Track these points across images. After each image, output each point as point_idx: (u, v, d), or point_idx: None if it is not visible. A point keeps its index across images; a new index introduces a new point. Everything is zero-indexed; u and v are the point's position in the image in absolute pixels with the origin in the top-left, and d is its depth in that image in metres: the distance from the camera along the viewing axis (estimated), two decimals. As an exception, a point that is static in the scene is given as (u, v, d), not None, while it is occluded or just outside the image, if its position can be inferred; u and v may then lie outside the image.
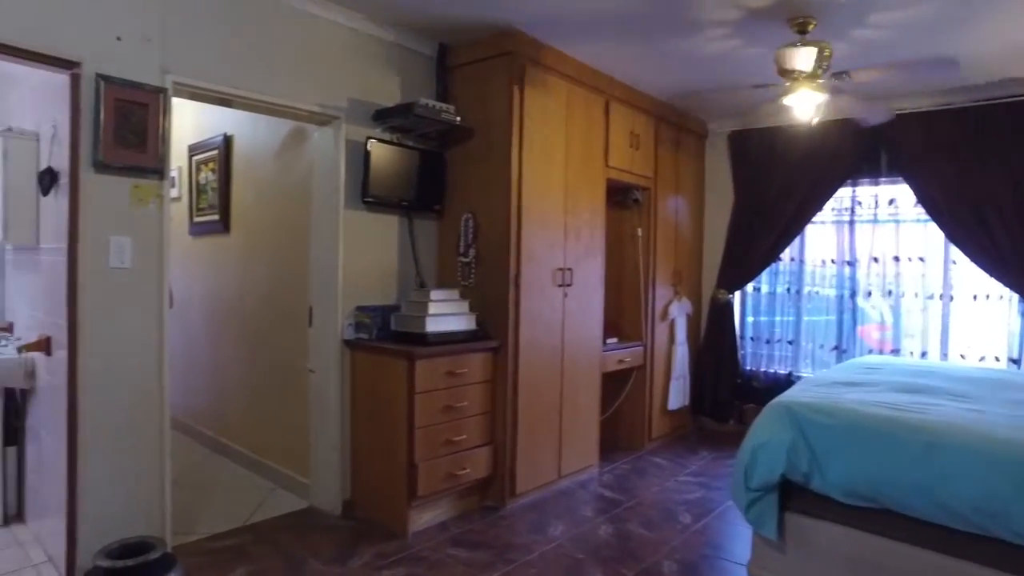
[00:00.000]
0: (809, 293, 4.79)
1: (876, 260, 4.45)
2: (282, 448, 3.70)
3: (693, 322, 5.08)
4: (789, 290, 4.87)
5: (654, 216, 4.59)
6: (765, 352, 4.97)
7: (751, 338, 5.07)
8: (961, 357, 4.20)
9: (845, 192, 4.56)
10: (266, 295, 3.84)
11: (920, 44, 3.30)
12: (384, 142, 3.30)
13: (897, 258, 4.38)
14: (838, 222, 4.64)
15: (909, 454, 2.09)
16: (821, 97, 2.96)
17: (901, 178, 4.28)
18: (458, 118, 3.33)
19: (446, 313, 3.17)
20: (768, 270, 4.92)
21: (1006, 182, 3.88)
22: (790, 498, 2.39)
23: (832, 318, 4.65)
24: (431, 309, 3.10)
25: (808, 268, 4.80)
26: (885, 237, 4.43)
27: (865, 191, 4.50)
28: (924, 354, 4.28)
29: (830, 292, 4.69)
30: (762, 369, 4.98)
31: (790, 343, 4.85)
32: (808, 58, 2.64)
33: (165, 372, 2.67)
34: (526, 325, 3.44)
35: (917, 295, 4.32)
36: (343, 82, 3.20)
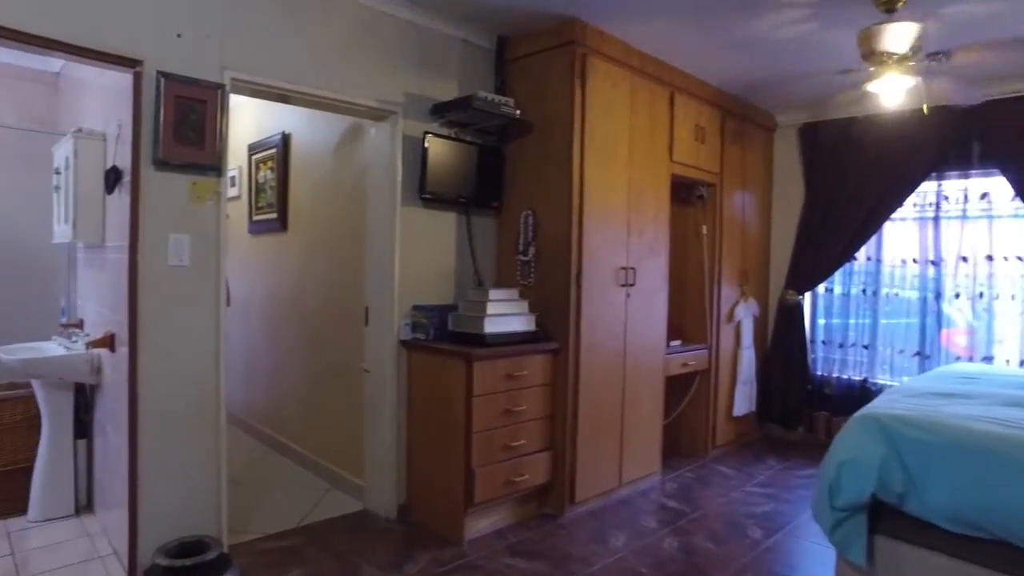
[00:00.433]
0: (887, 295, 4.48)
1: (965, 260, 4.11)
2: (337, 448, 3.67)
3: (760, 324, 4.84)
4: (865, 291, 4.57)
5: (719, 213, 4.38)
6: (838, 357, 4.69)
7: (822, 342, 4.79)
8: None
9: (929, 186, 4.23)
10: (323, 293, 3.82)
11: (1020, 21, 3.01)
12: (441, 137, 3.22)
13: (990, 257, 4.03)
14: (921, 219, 4.32)
15: (1025, 477, 1.87)
16: (911, 81, 2.72)
17: (996, 170, 3.93)
18: (518, 111, 3.22)
19: (505, 313, 3.07)
20: (841, 270, 4.64)
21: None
22: (881, 520, 2.18)
23: (913, 321, 4.33)
24: (490, 309, 3.00)
25: (886, 268, 4.49)
26: (976, 234, 4.09)
27: (952, 185, 4.17)
28: (1022, 363, 3.94)
29: (911, 294, 4.38)
30: (834, 375, 4.70)
31: (865, 348, 4.55)
32: (903, 37, 2.40)
33: (222, 370, 2.65)
34: (587, 326, 3.31)
35: (1015, 297, 3.97)
36: (400, 76, 3.13)
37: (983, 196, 4.07)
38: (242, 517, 3.15)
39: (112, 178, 2.63)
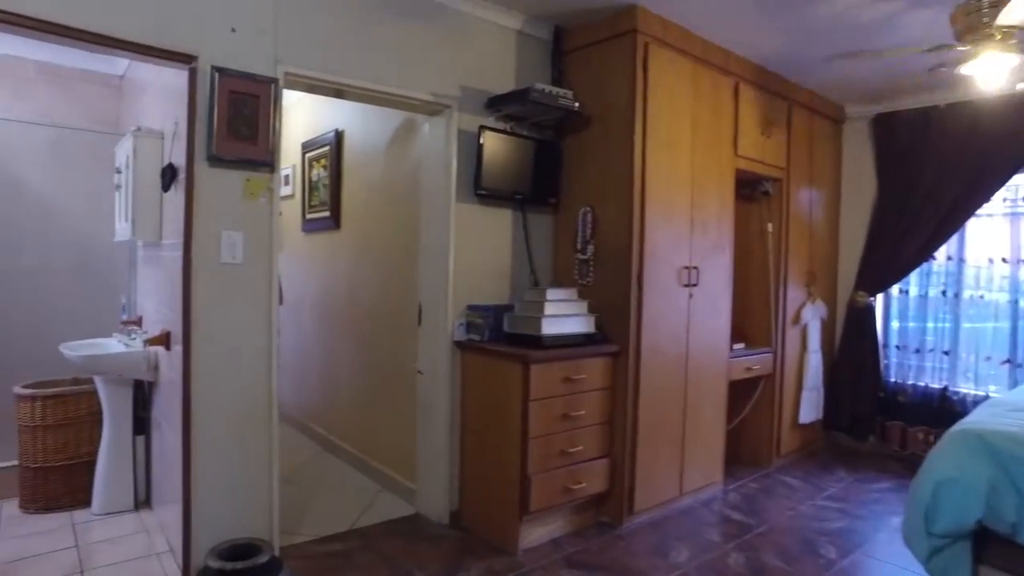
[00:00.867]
0: (971, 297, 4.17)
1: (1066, 259, 3.79)
2: (390, 450, 3.61)
3: (827, 328, 4.58)
4: (945, 293, 4.27)
5: (786, 210, 4.15)
6: (913, 363, 4.40)
7: (896, 347, 4.50)
8: None
9: (1021, 179, 3.91)
10: (376, 292, 3.76)
11: None
12: (497, 131, 3.11)
13: (1091, 257, 3.71)
14: (1013, 214, 4.00)
15: None
16: (1016, 59, 2.47)
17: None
18: (576, 104, 3.09)
19: (563, 314, 2.94)
20: (919, 270, 4.35)
21: None
22: (985, 548, 1.97)
23: (1003, 326, 4.01)
24: (547, 309, 2.88)
25: (969, 268, 4.19)
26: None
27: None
28: None
29: (999, 296, 4.06)
30: (909, 382, 4.41)
31: (945, 353, 4.25)
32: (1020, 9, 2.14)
33: (274, 369, 2.60)
34: (648, 328, 3.16)
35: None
36: (455, 69, 3.04)
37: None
38: (294, 518, 3.12)
39: (168, 176, 2.62)
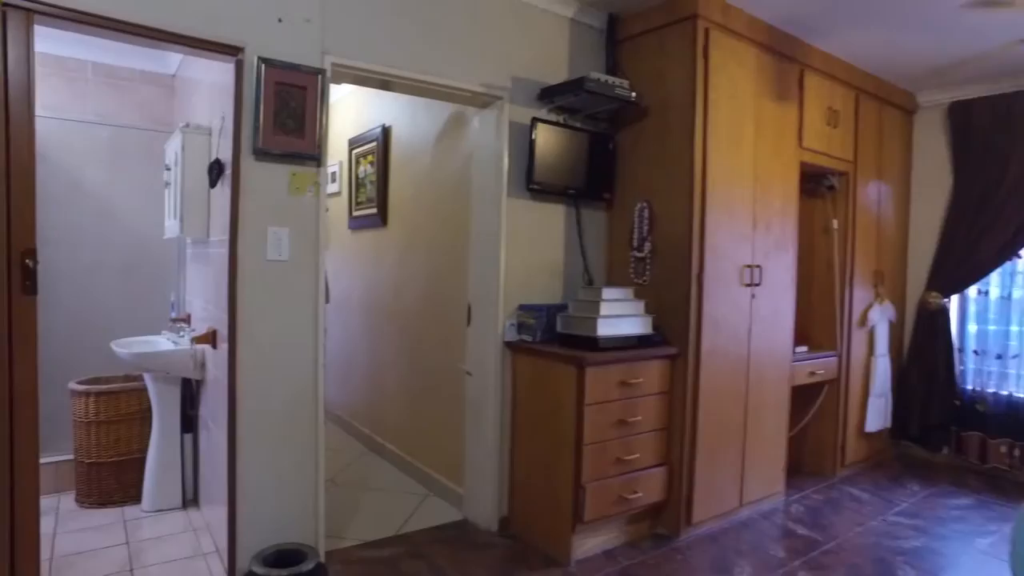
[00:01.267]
0: (1060, 299, 3.87)
1: None
2: (436, 453, 3.53)
3: (896, 330, 4.31)
4: (1030, 294, 3.97)
5: (852, 205, 3.91)
6: (994, 369, 4.09)
7: (974, 351, 4.21)
8: None
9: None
10: (423, 291, 3.68)
11: None
12: (550, 123, 2.99)
13: None
14: (1108, 210, 3.69)
15: None
16: None
17: None
18: (633, 94, 2.95)
19: (619, 315, 2.80)
20: (1000, 270, 4.04)
21: None
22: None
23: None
24: (603, 310, 2.74)
25: (1058, 268, 3.88)
26: None
27: None
28: None
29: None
30: (990, 390, 4.10)
31: (1030, 359, 3.95)
32: None
33: (320, 369, 2.54)
34: (709, 329, 2.99)
35: None
36: (506, 60, 2.93)
37: None
38: (339, 521, 3.06)
39: (215, 171, 2.59)
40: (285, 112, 2.30)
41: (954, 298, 4.27)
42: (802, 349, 3.72)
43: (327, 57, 2.44)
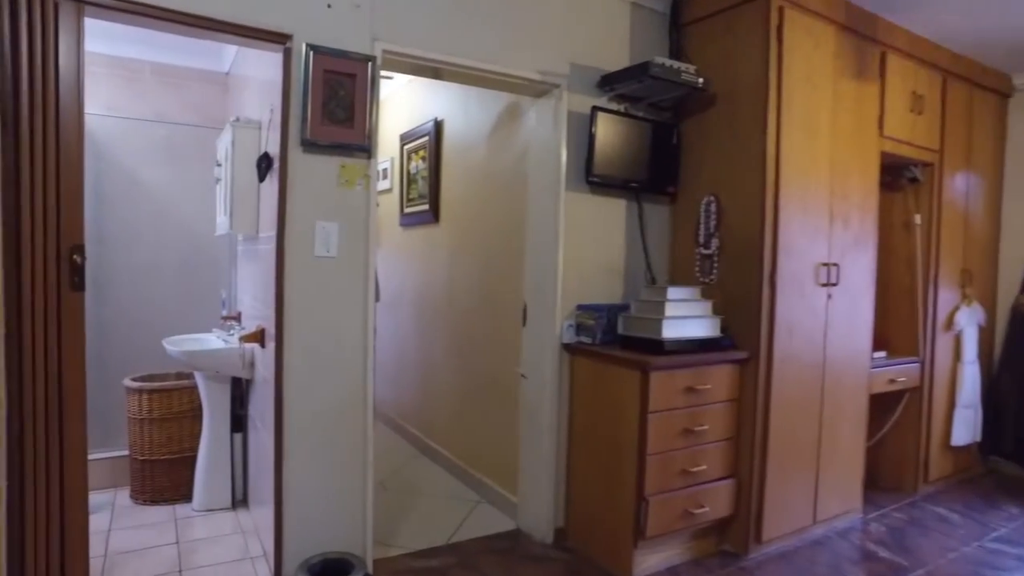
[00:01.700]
0: None
1: None
2: (489, 459, 3.40)
3: (986, 335, 3.96)
4: None
5: (937, 199, 3.60)
6: (1099, 379, 3.71)
7: (1075, 359, 3.83)
8: None
9: None
10: (476, 289, 3.56)
11: None
12: (611, 113, 2.83)
13: None
14: None
15: None
16: None
17: None
18: (700, 79, 2.75)
19: (685, 316, 2.61)
20: (1106, 269, 3.67)
21: None
22: None
23: None
24: (668, 310, 2.56)
25: None
26: None
27: None
28: None
29: None
30: (1094, 401, 3.73)
31: None
32: None
33: (369, 370, 2.44)
34: (782, 332, 2.77)
35: None
36: (564, 46, 2.78)
37: None
38: (388, 527, 2.96)
39: (264, 165, 2.52)
40: (334, 101, 2.20)
41: (1052, 300, 3.90)
42: (880, 354, 3.45)
43: (377, 44, 2.33)
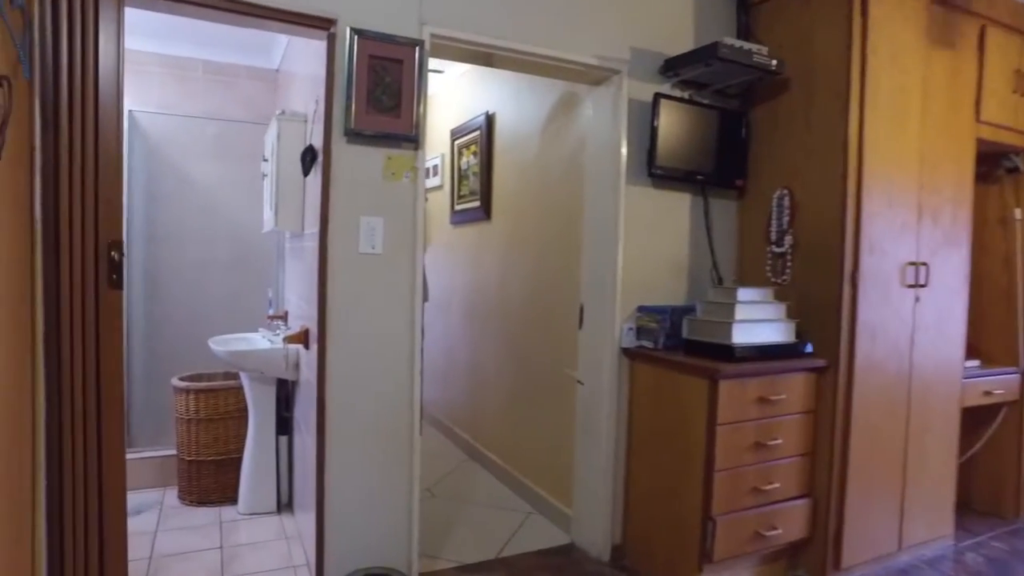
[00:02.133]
0: None
1: None
2: (542, 467, 3.24)
3: (1092, 343, 3.57)
4: None
5: (1038, 192, 3.26)
6: None
7: None
8: None
9: None
10: (530, 289, 3.40)
11: None
12: (675, 100, 2.62)
13: None
14: None
15: None
16: None
17: None
18: (773, 61, 2.52)
19: (757, 319, 2.39)
20: None
21: None
22: None
23: None
24: (738, 313, 2.34)
25: None
26: None
27: None
28: None
29: None
30: None
31: None
32: None
33: (417, 374, 2.31)
34: (864, 338, 2.51)
35: None
36: (624, 28, 2.60)
37: None
38: (434, 537, 2.83)
39: (308, 158, 2.42)
40: (380, 88, 2.07)
41: None
42: (973, 363, 3.13)
43: (425, 27, 2.20)
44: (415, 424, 2.33)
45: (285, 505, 3.12)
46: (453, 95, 4.30)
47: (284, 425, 3.07)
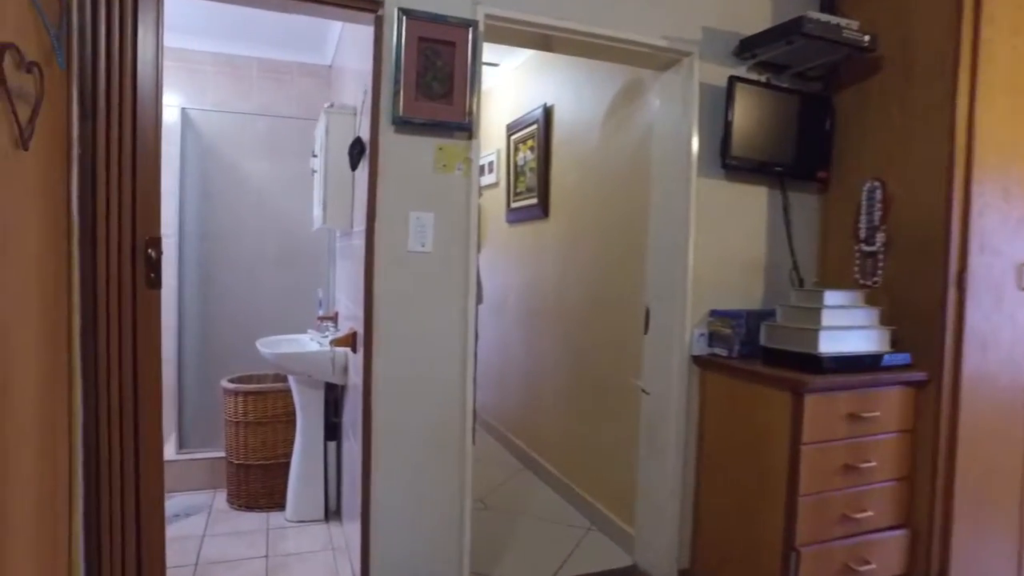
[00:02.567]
0: None
1: None
2: (601, 481, 3.03)
3: None
4: None
5: None
6: None
7: None
8: None
9: None
10: (590, 291, 3.20)
11: None
12: (752, 84, 2.39)
13: None
14: None
15: None
16: None
17: None
18: (866, 37, 2.25)
19: (847, 326, 2.13)
20: None
21: None
22: None
23: None
24: (825, 319, 2.09)
25: None
26: None
27: None
28: None
29: None
30: None
31: None
32: None
33: (469, 380, 2.15)
34: (972, 348, 2.21)
35: None
36: (694, 6, 2.38)
37: None
38: (487, 552, 2.67)
39: (356, 151, 2.29)
40: (430, 73, 1.92)
41: None
42: (1095, 377, 2.74)
43: (479, 7, 2.03)
44: (467, 433, 2.17)
45: (333, 513, 3.02)
46: (508, 89, 4.14)
47: (332, 431, 2.96)
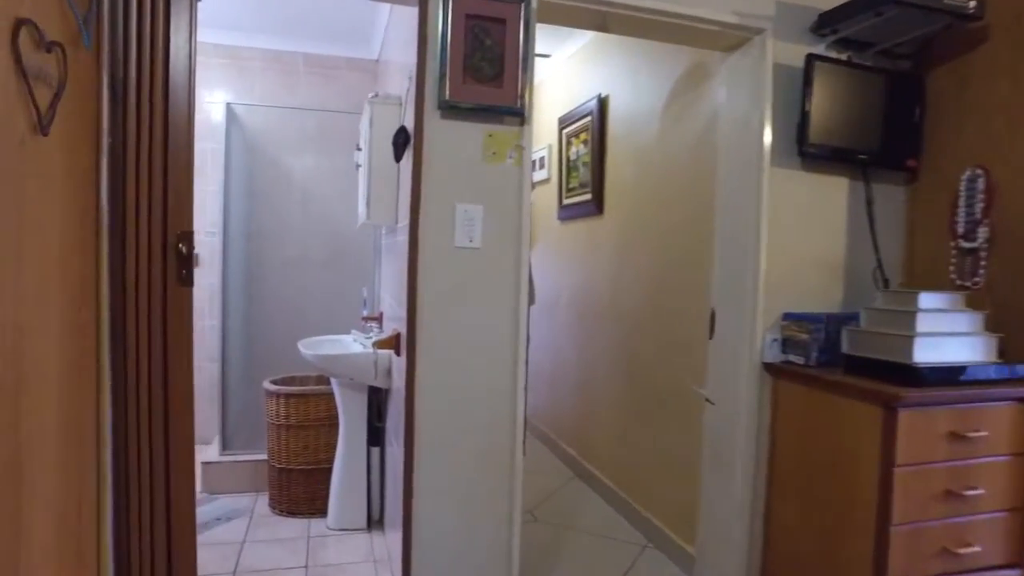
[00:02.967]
0: None
1: None
2: (660, 495, 2.83)
3: None
4: None
5: None
6: None
7: None
8: None
9: None
10: (648, 291, 2.99)
11: None
12: (832, 62, 2.15)
13: None
14: None
15: None
16: None
17: None
18: (972, 3, 1.99)
19: (945, 332, 1.88)
20: None
21: None
22: None
23: None
24: (920, 324, 1.84)
25: None
26: None
27: None
28: None
29: None
30: None
31: None
32: None
33: (520, 386, 1.99)
34: (1095, 360, 1.93)
35: None
36: (769, -21, 2.16)
37: None
38: (537, 567, 2.51)
39: (401, 141, 2.16)
40: (479, 54, 1.77)
41: None
42: None
43: (536, -17, 1.88)
44: (517, 442, 2.01)
45: (376, 521, 2.90)
46: (560, 80, 3.97)
47: (376, 436, 2.85)
